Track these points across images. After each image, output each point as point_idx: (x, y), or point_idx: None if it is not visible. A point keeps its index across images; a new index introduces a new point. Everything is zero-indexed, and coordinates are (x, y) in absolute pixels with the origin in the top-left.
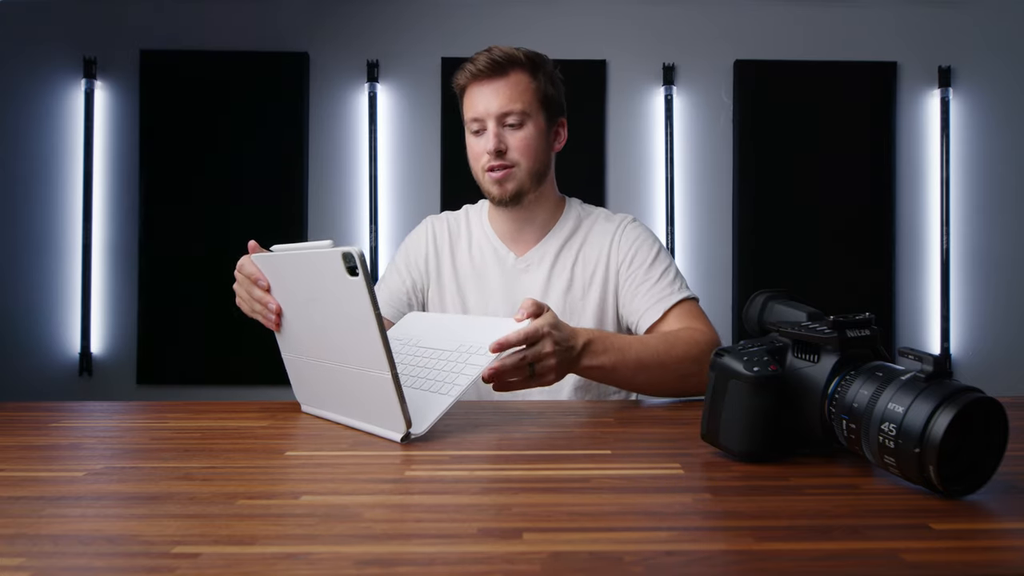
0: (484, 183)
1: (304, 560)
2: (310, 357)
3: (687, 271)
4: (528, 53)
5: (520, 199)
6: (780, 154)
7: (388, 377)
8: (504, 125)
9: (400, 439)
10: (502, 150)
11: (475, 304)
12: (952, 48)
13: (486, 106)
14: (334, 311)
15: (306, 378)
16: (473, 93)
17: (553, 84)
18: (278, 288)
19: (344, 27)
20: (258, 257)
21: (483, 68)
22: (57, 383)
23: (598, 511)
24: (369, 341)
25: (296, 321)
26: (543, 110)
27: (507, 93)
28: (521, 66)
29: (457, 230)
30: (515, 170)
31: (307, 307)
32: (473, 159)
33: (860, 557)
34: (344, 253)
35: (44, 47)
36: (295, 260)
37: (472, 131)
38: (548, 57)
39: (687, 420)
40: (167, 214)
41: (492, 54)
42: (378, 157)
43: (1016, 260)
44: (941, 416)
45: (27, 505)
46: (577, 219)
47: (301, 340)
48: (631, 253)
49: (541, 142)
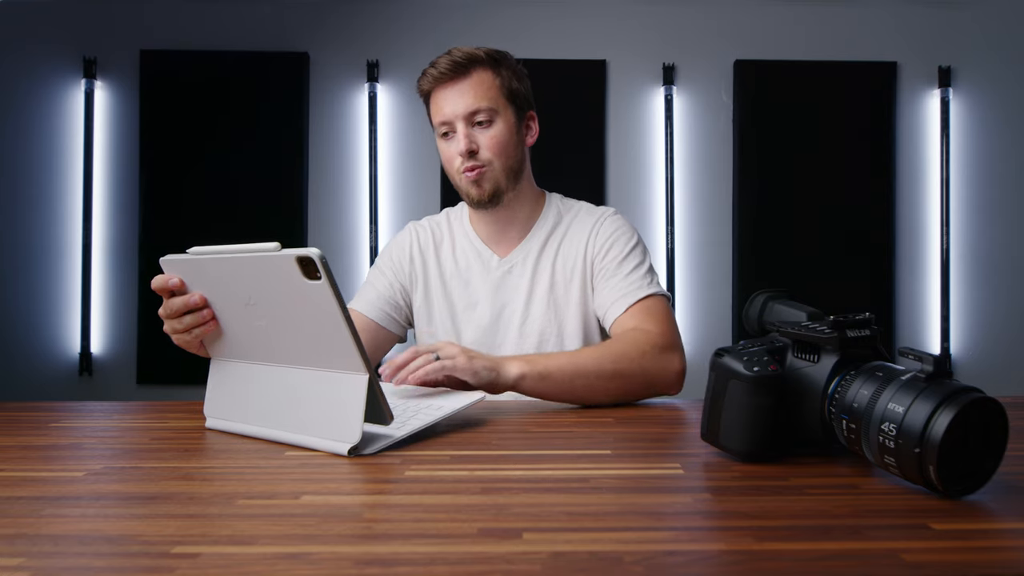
0: (461, 185)
1: (304, 560)
2: (245, 362)
3: (687, 271)
4: (488, 50)
5: (499, 199)
6: (780, 154)
7: (363, 378)
8: (473, 125)
9: (348, 451)
10: (474, 150)
11: (462, 309)
12: (952, 48)
13: (453, 108)
14: (283, 315)
15: (230, 387)
16: (438, 97)
17: (518, 78)
18: (205, 292)
19: (344, 27)
20: (173, 259)
21: (445, 70)
22: (57, 383)
23: (598, 511)
24: (339, 344)
25: (230, 326)
26: (511, 105)
27: (472, 92)
28: (482, 63)
29: (440, 235)
30: (488, 169)
31: (244, 311)
32: (447, 163)
33: (860, 557)
34: (301, 257)
35: (44, 47)
36: (228, 264)
37: (441, 135)
38: (510, 53)
39: (687, 420)
40: (167, 214)
41: (452, 56)
42: (378, 157)
43: (1016, 260)
44: (941, 416)
45: (27, 505)
46: (557, 214)
47: (235, 346)
48: (607, 245)
49: (512, 138)
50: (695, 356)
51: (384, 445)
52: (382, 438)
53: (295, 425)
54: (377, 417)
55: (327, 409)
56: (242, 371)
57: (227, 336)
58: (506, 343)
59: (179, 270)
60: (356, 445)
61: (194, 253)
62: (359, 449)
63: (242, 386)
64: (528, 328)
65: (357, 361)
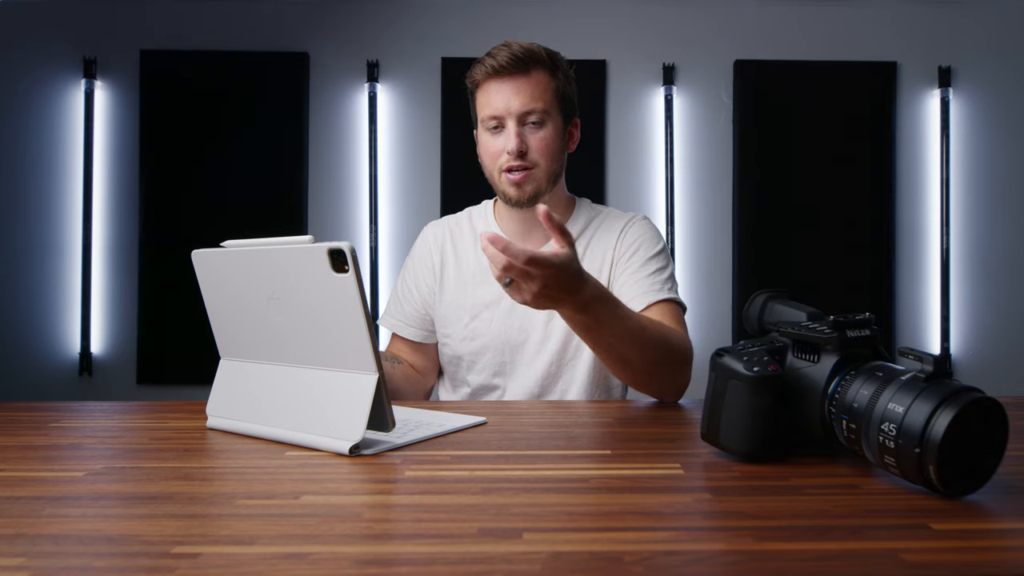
0: (500, 184)
1: (304, 560)
2: (254, 362)
3: (687, 271)
4: (547, 50)
5: (536, 200)
6: (780, 154)
7: (372, 378)
8: (524, 124)
9: (349, 449)
10: (524, 151)
11: (484, 305)
12: (952, 48)
13: (507, 104)
14: (304, 310)
15: (235, 385)
16: (491, 89)
17: (569, 83)
18: (228, 286)
19: (344, 27)
20: (203, 253)
21: (504, 64)
22: (57, 383)
23: (598, 511)
24: (355, 340)
25: (248, 323)
26: (561, 110)
27: (529, 91)
28: (542, 64)
29: (459, 232)
30: (535, 171)
31: (265, 307)
32: (489, 158)
33: (860, 557)
34: (332, 250)
35: (44, 47)
36: (259, 256)
37: (488, 128)
38: (561, 54)
39: (687, 420)
40: (167, 214)
41: (512, 49)
42: (378, 157)
43: (1016, 260)
44: (941, 416)
45: (27, 505)
46: (587, 219)
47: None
48: (634, 247)
49: (559, 143)
50: (695, 356)
51: (385, 447)
52: (383, 442)
53: (297, 423)
54: (379, 423)
55: (331, 407)
56: (250, 371)
57: (242, 334)
58: (530, 341)
59: (208, 263)
60: (357, 444)
61: (229, 246)
62: (360, 449)
63: (248, 385)
64: (553, 326)
65: (370, 360)
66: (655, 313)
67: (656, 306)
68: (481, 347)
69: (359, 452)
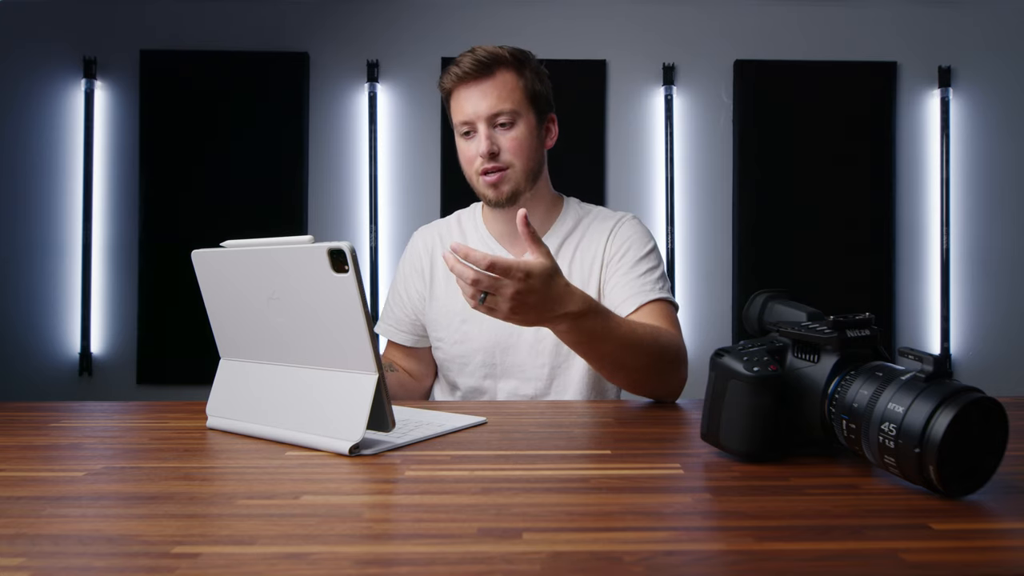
0: (478, 187)
1: (304, 560)
2: (254, 362)
3: (687, 271)
4: (512, 50)
5: (516, 199)
6: (780, 154)
7: (372, 378)
8: (495, 126)
9: (349, 449)
10: (495, 152)
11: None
12: (952, 48)
13: (475, 108)
14: (304, 310)
15: (235, 386)
16: (460, 96)
17: (540, 80)
18: (228, 286)
19: (344, 27)
20: (203, 253)
21: (468, 70)
22: (57, 383)
23: (598, 511)
24: (355, 340)
25: (248, 323)
26: (532, 108)
27: (495, 93)
28: (507, 64)
29: (449, 236)
30: (509, 172)
31: (264, 307)
32: (466, 163)
33: (860, 557)
34: (332, 250)
35: (44, 47)
36: (259, 256)
37: (462, 134)
38: (532, 53)
39: (687, 420)
40: (167, 214)
41: (476, 55)
42: (378, 157)
43: (1016, 260)
44: (941, 416)
45: (27, 505)
46: (576, 218)
47: (248, 344)
48: (624, 247)
49: (533, 141)
50: (695, 356)
51: (385, 447)
52: (383, 442)
53: (297, 423)
54: (379, 423)
55: (331, 407)
56: (250, 371)
57: (242, 334)
58: (521, 343)
59: (208, 263)
60: (357, 444)
61: (229, 246)
62: (360, 449)
63: (248, 385)
64: (545, 329)
65: (369, 360)
66: (648, 313)
67: (648, 306)
68: (471, 350)
69: (359, 452)
